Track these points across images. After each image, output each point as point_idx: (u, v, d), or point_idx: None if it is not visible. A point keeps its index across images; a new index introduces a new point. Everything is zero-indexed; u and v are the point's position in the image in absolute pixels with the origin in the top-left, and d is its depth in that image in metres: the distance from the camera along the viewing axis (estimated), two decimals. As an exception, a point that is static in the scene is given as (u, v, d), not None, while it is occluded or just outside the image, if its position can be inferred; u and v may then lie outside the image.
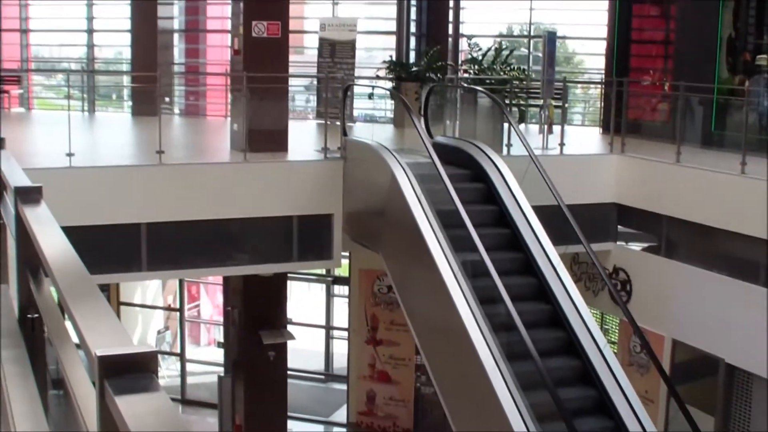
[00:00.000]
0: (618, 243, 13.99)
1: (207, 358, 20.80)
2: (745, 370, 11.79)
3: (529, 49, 21.28)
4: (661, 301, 12.92)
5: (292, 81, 14.14)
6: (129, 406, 1.83)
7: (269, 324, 14.33)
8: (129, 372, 1.94)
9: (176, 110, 19.90)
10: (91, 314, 2.39)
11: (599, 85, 19.69)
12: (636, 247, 14.21)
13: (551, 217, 10.92)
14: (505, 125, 13.36)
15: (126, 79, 21.84)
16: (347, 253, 17.06)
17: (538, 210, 10.95)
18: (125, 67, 22.33)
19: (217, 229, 11.72)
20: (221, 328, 17.65)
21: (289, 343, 14.55)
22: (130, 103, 20.61)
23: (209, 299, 22.40)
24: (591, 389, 9.40)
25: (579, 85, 22.97)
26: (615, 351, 13.11)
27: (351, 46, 17.38)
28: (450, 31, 19.86)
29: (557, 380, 8.93)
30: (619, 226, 13.98)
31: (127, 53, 21.08)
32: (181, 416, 8.58)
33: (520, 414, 8.55)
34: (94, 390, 2.00)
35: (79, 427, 2.26)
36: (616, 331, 14.65)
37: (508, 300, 9.10)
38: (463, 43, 19.61)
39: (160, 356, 21.22)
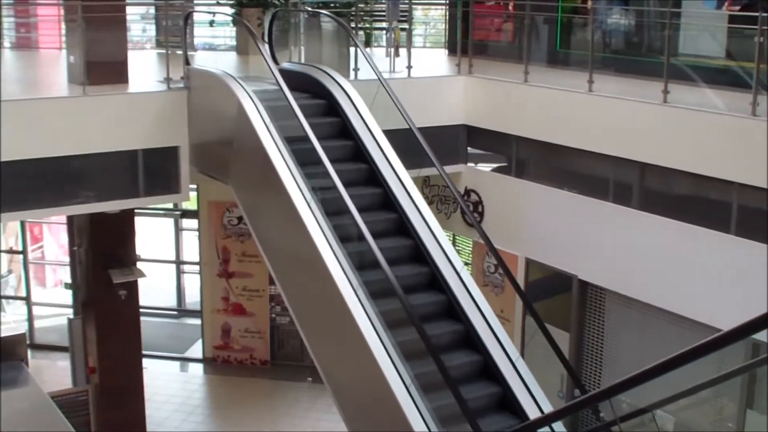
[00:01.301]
0: (468, 164, 13.99)
1: (54, 300, 20.17)
2: (597, 285, 11.99)
3: (371, -29, 21.01)
4: (513, 221, 13.01)
5: (128, 9, 13.56)
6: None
7: (118, 262, 13.90)
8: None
9: (6, 43, 18.95)
10: None
11: (444, 6, 19.54)
12: (486, 168, 14.24)
13: (402, 141, 10.81)
14: (352, 49, 13.13)
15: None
16: (195, 186, 16.73)
17: (389, 134, 10.82)
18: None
19: (58, 167, 11.21)
20: (68, 268, 17.06)
21: (140, 281, 14.16)
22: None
23: (53, 239, 21.67)
24: (457, 324, 9.36)
25: (420, 7, 22.81)
26: (470, 272, 13.19)
27: (189, -29, 16.80)
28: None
29: (422, 314, 8.88)
30: (468, 148, 13.98)
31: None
32: (59, 414, 8.26)
33: (383, 345, 8.46)
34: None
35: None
36: (470, 252, 14.71)
37: (358, 216, 8.93)
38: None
39: (4, 301, 20.55)
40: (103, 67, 11.78)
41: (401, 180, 10.36)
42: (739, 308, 9.86)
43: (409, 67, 13.60)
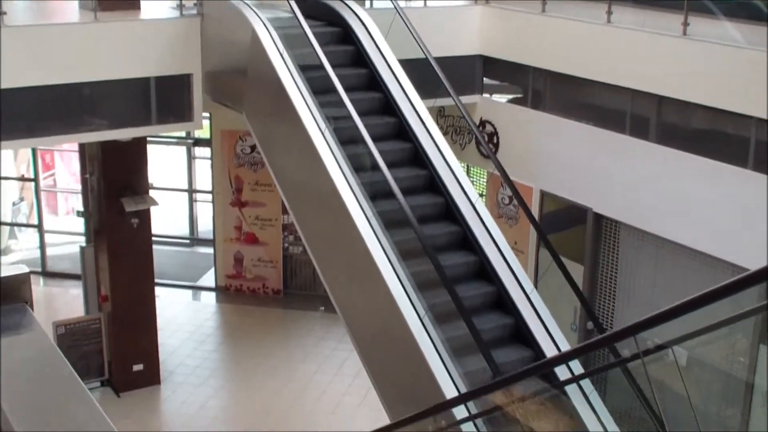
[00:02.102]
0: (484, 95, 13.87)
1: (67, 228, 20.20)
2: (612, 218, 11.92)
3: None
4: (529, 153, 12.92)
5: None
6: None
7: (130, 190, 13.88)
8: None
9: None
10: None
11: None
12: (502, 99, 14.11)
13: (417, 71, 10.70)
14: (368, -23, 12.97)
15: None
16: (208, 114, 16.62)
17: (405, 64, 10.71)
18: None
19: (70, 94, 11.14)
20: (80, 196, 17.05)
21: (152, 209, 14.15)
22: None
23: (65, 167, 21.63)
24: (471, 255, 9.32)
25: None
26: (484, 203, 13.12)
27: None
28: None
29: (437, 245, 8.86)
30: (484, 78, 13.84)
31: None
32: (63, 360, 8.22)
33: (395, 272, 8.45)
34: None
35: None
36: (484, 184, 14.64)
37: (372, 145, 8.92)
38: None
39: (16, 229, 20.58)
40: (115, -7, 11.67)
41: (416, 109, 10.27)
42: (754, 243, 9.83)
43: (426, -5, 13.45)
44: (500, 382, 6.97)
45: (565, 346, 8.45)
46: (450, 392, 7.78)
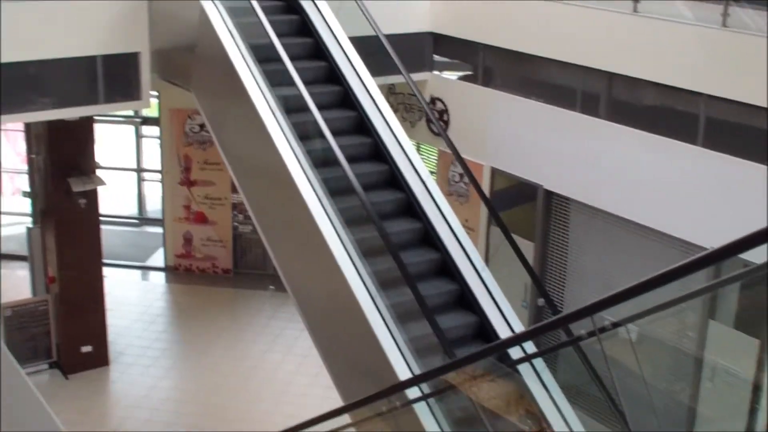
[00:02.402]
0: (434, 72, 13.83)
1: (13, 209, 19.91)
2: (563, 195, 11.94)
3: None
4: (479, 130, 12.90)
5: None
6: None
7: (77, 170, 13.68)
8: None
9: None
10: None
11: None
12: (452, 76, 14.08)
13: (368, 47, 10.62)
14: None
15: None
16: (156, 93, 16.43)
17: (355, 41, 10.62)
18: None
19: (15, 73, 10.92)
20: (26, 176, 16.79)
21: (100, 189, 13.97)
22: None
23: (11, 147, 21.30)
24: (416, 222, 9.30)
25: None
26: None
27: None
28: None
29: (382, 215, 8.82)
30: (434, 56, 13.80)
31: None
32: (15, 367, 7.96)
33: (343, 246, 8.41)
34: None
35: None
36: (435, 161, 14.61)
37: (330, 135, 8.86)
38: None
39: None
40: (59, -32, 11.45)
41: (361, 78, 10.20)
42: (704, 220, 9.90)
43: (375, -28, 13.33)
44: (453, 364, 6.95)
45: (511, 315, 8.47)
46: (398, 363, 7.77)
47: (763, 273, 4.32)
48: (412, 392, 7.38)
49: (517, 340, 7.00)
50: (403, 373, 7.73)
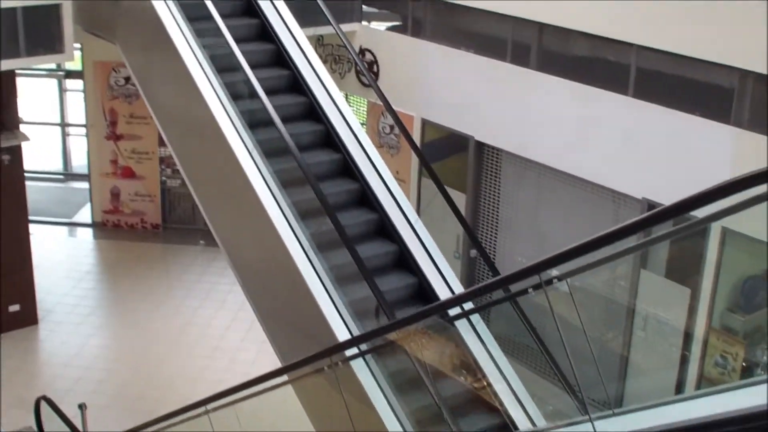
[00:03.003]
0: (363, 23, 13.69)
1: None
2: (494, 146, 11.94)
3: None
4: (409, 81, 12.83)
5: None
6: None
7: (1, 126, 13.37)
8: None
9: None
10: None
11: None
12: (381, 26, 13.96)
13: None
14: None
15: None
16: (79, 45, 16.08)
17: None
18: None
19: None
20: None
21: (24, 144, 13.67)
22: None
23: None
24: (353, 182, 9.22)
25: None
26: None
27: None
28: None
29: (318, 174, 8.73)
30: (363, 6, 13.66)
31: None
32: None
33: (278, 205, 8.32)
34: None
35: None
36: (364, 113, 14.52)
37: (250, 72, 8.71)
38: None
39: None
40: None
41: (294, 36, 10.04)
42: (634, 169, 9.96)
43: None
44: (394, 325, 6.91)
45: (448, 272, 8.46)
46: (335, 321, 7.73)
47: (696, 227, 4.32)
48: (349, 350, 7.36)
49: (458, 300, 6.96)
50: (339, 328, 7.70)
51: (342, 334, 7.62)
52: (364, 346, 7.22)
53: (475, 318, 7.69)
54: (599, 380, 5.10)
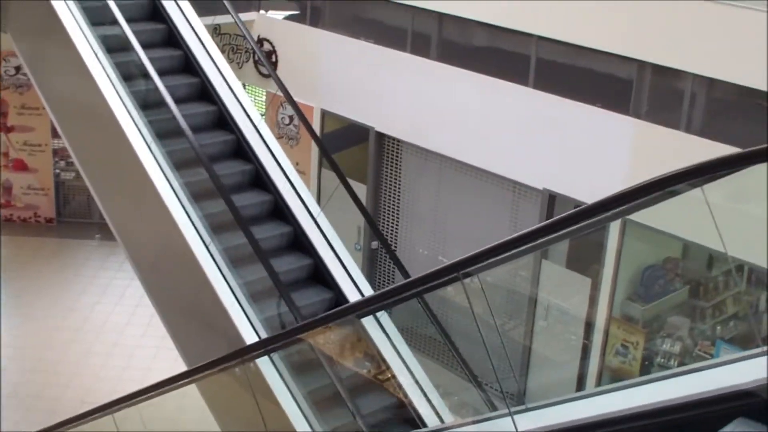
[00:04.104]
0: (260, 12, 13.54)
1: None
2: (394, 137, 11.90)
3: None
4: (309, 72, 12.72)
5: None
6: None
7: None
8: None
9: None
10: None
11: None
12: (279, 15, 13.82)
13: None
14: None
15: None
16: (-33, 34, 15.63)
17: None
18: None
19: None
20: None
21: None
22: None
23: None
24: (247, 164, 9.14)
25: None
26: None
27: None
28: None
29: (212, 157, 8.63)
30: (261, -5, 13.54)
31: None
32: None
33: (173, 189, 8.20)
34: None
35: None
36: (263, 104, 14.37)
37: (154, 73, 8.57)
38: None
39: None
40: None
41: (185, 15, 9.91)
42: (535, 160, 10.02)
43: None
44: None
45: (343, 252, 8.49)
46: (232, 308, 7.69)
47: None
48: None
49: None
50: (239, 320, 7.62)
51: (242, 323, 7.55)
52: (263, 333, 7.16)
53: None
54: (506, 372, 5.09)
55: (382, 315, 7.58)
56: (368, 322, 7.56)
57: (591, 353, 9.82)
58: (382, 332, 7.71)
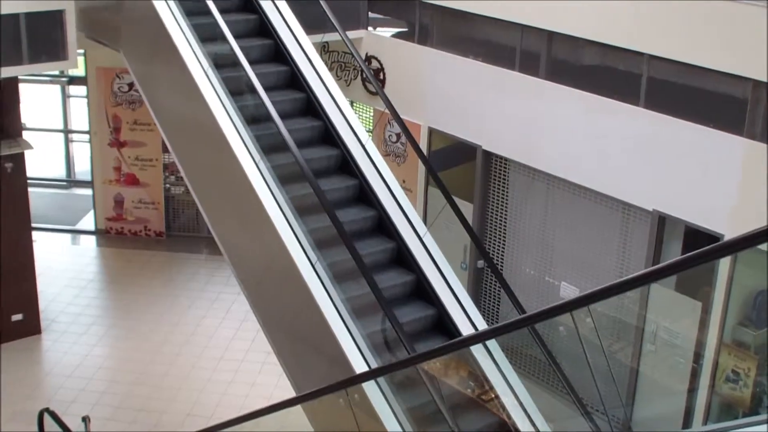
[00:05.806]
0: (368, 30, 13.57)
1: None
2: (502, 156, 11.79)
3: None
4: (416, 89, 12.69)
5: None
6: None
7: (3, 133, 13.25)
8: None
9: None
10: None
11: None
12: (387, 33, 13.83)
13: (302, 5, 10.40)
14: None
15: None
16: (82, 51, 15.98)
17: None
18: None
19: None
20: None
21: (27, 152, 13.54)
22: None
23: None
24: (352, 179, 9.17)
25: None
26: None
27: None
28: None
29: (317, 172, 8.68)
30: (369, 13, 13.54)
31: None
32: None
33: (278, 204, 8.25)
34: None
35: None
36: (371, 121, 14.39)
37: (261, 90, 8.65)
38: None
39: None
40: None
41: (293, 31, 10.03)
42: (645, 180, 9.82)
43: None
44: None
45: (447, 270, 8.46)
46: (336, 324, 7.71)
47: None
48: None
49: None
50: (343, 337, 7.62)
51: (345, 341, 7.54)
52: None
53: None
54: (613, 397, 4.96)
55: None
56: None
57: (700, 378, 9.56)
58: (488, 357, 7.64)
